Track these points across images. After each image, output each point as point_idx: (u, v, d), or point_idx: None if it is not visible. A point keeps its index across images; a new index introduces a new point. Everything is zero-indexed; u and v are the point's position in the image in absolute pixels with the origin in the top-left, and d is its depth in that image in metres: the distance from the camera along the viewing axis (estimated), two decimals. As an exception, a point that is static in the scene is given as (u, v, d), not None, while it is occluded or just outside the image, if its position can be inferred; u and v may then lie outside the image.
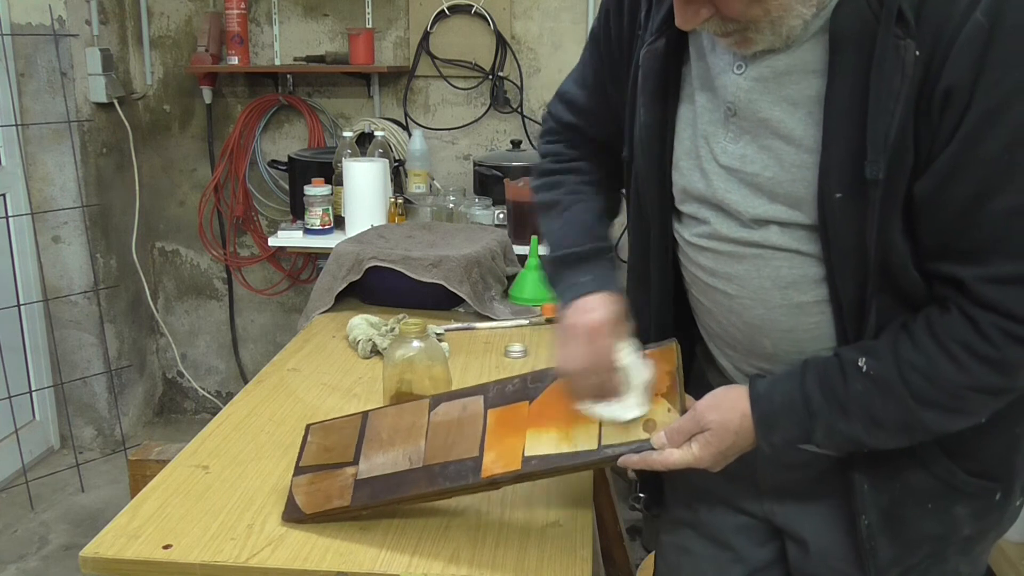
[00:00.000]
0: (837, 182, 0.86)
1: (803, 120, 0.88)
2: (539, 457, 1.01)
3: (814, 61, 0.87)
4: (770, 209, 0.93)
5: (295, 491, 1.14)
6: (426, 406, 1.15)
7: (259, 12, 3.19)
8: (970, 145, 0.80)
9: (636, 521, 2.60)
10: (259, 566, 1.03)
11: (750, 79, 0.91)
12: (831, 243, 0.89)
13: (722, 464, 0.97)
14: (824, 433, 0.92)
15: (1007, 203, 0.81)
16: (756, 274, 0.96)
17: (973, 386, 0.87)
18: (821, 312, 0.94)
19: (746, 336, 1.01)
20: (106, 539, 1.07)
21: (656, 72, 0.99)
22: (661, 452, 0.96)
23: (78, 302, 3.15)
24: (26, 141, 3.00)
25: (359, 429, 1.17)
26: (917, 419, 0.89)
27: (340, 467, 1.13)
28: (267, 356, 3.00)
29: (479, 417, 1.09)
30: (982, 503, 1.01)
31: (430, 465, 1.07)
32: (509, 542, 1.08)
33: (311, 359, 1.71)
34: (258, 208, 3.37)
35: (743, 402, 0.95)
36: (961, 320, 0.86)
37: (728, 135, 0.94)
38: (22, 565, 2.57)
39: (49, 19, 2.90)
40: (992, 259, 0.83)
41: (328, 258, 2.04)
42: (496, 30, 3.04)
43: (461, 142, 3.20)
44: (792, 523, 1.10)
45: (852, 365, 0.90)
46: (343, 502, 1.09)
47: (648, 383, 1.00)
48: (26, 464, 2.98)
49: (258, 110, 3.27)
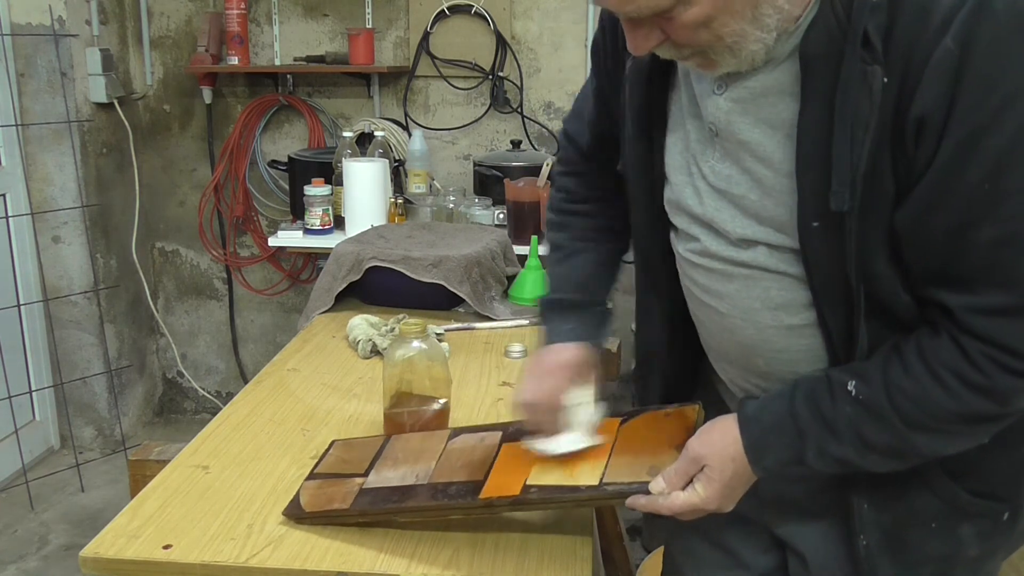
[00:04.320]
0: (813, 211, 0.85)
1: (781, 143, 0.87)
2: (539, 487, 1.02)
3: (790, 83, 0.85)
4: (759, 231, 0.91)
5: (302, 491, 1.16)
6: (446, 435, 1.20)
7: (259, 12, 3.19)
8: (948, 175, 0.79)
9: (636, 521, 2.60)
10: (259, 566, 1.03)
11: (729, 100, 0.89)
12: (812, 270, 0.88)
13: (732, 500, 0.95)
14: (816, 454, 0.90)
15: (992, 233, 0.79)
16: (746, 294, 0.95)
17: (963, 413, 0.85)
18: (812, 335, 0.93)
19: (740, 354, 1.00)
20: (106, 539, 1.07)
21: (641, 84, 0.99)
22: (667, 496, 0.94)
23: (78, 302, 3.15)
24: (26, 141, 3.00)
25: (379, 448, 1.21)
26: (908, 444, 0.87)
27: (351, 477, 1.16)
28: (267, 356, 3.00)
29: (493, 448, 1.12)
30: (989, 523, 0.98)
31: (434, 483, 1.09)
32: (509, 542, 1.08)
33: (311, 359, 1.71)
34: (258, 208, 3.37)
35: (732, 430, 0.93)
36: (951, 347, 0.84)
37: (715, 155, 0.93)
38: (22, 565, 2.57)
39: (49, 19, 2.90)
40: (980, 289, 0.81)
41: (328, 258, 2.04)
42: (496, 30, 3.04)
43: (461, 142, 3.20)
44: (792, 536, 1.09)
45: (841, 388, 0.88)
46: (343, 505, 1.10)
47: (591, 423, 1.05)
48: (26, 464, 2.98)
49: (258, 110, 3.27)
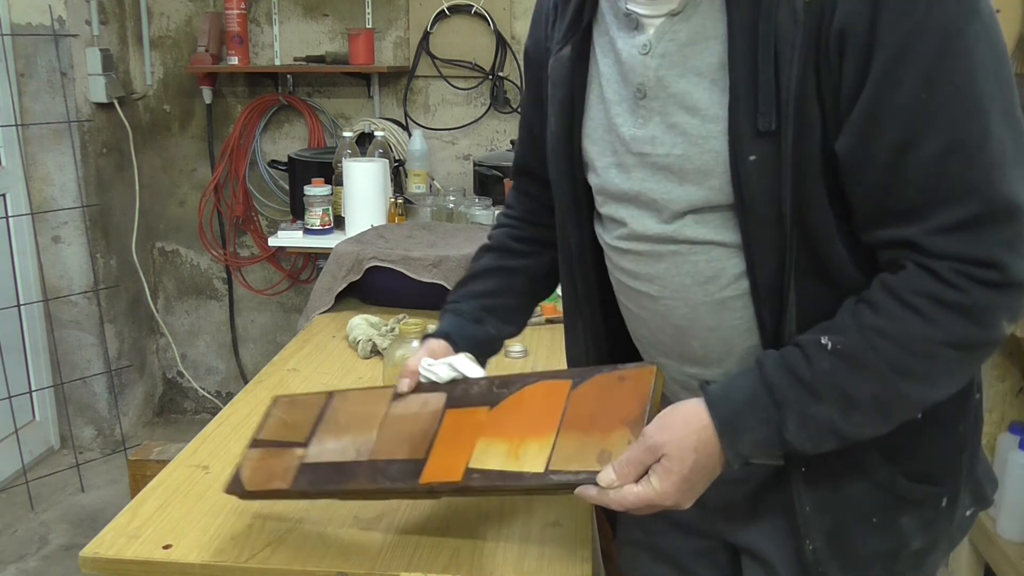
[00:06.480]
0: (749, 143, 0.83)
1: (707, 89, 0.86)
2: (482, 472, 0.94)
3: (713, 27, 0.85)
4: (681, 193, 0.90)
5: (244, 463, 1.11)
6: (389, 396, 1.09)
7: (259, 12, 3.19)
8: (882, 92, 0.77)
9: (636, 521, 2.59)
10: (259, 566, 1.03)
11: (656, 56, 0.89)
12: (747, 213, 0.85)
13: (691, 496, 0.86)
14: (797, 424, 0.83)
15: (933, 148, 0.77)
16: (676, 271, 0.93)
17: (945, 340, 0.80)
18: (744, 307, 0.91)
19: (675, 339, 0.97)
20: (106, 539, 1.07)
21: (564, 79, 0.99)
22: (618, 490, 0.85)
23: (78, 302, 3.15)
24: (26, 141, 3.00)
25: (321, 409, 1.13)
26: (893, 390, 0.82)
27: (291, 446, 1.10)
28: (267, 356, 3.01)
29: (436, 416, 1.03)
30: (928, 512, 0.96)
31: (374, 460, 1.03)
32: (509, 542, 1.08)
33: (311, 359, 1.71)
34: (258, 208, 3.37)
35: (698, 414, 0.85)
36: (919, 273, 0.80)
37: (637, 120, 0.92)
38: (22, 565, 2.57)
39: (49, 19, 2.91)
40: (935, 210, 0.78)
41: (328, 258, 2.04)
42: (496, 30, 3.04)
43: (461, 142, 3.21)
44: (747, 541, 1.04)
45: (814, 345, 0.83)
46: (283, 484, 1.06)
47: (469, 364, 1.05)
48: (26, 464, 2.98)
49: (258, 110, 3.27)
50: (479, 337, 1.14)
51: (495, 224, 1.25)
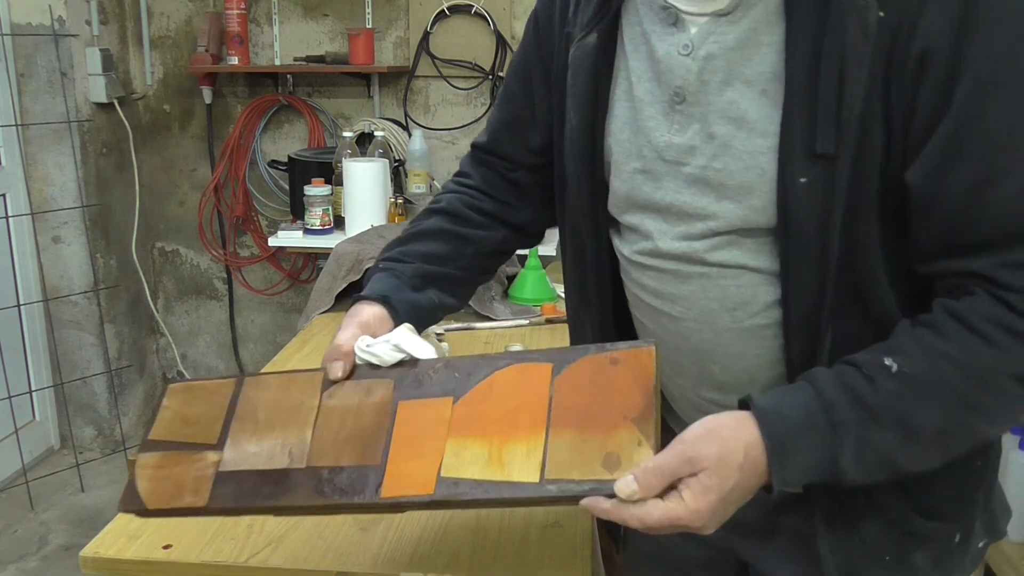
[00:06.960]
0: (801, 164, 0.77)
1: (756, 100, 0.79)
2: (460, 481, 0.77)
3: (767, 33, 0.78)
4: (718, 210, 0.83)
5: (139, 473, 0.89)
6: (318, 383, 0.89)
7: (259, 12, 3.19)
8: (965, 125, 0.72)
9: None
10: (259, 566, 1.03)
11: (699, 59, 0.82)
12: (789, 239, 0.79)
13: (720, 521, 0.75)
14: (854, 452, 0.75)
15: (1013, 186, 0.72)
16: (702, 295, 0.86)
17: (1014, 373, 0.75)
18: (774, 336, 0.85)
19: (693, 362, 0.91)
20: (106, 539, 1.07)
21: (587, 70, 0.90)
22: (641, 504, 0.72)
23: (78, 302, 3.15)
24: (26, 141, 3.00)
25: (229, 400, 0.92)
26: (958, 422, 0.77)
27: (200, 449, 0.89)
28: (267, 356, 3.01)
29: (384, 409, 0.85)
30: (941, 548, 0.92)
31: (316, 467, 0.84)
32: (509, 542, 1.08)
33: (311, 359, 1.71)
34: (258, 208, 3.37)
35: (746, 427, 0.75)
36: (990, 301, 0.74)
37: (672, 127, 0.85)
38: (22, 565, 2.57)
39: (49, 19, 2.90)
40: (1008, 246, 0.74)
41: (328, 258, 2.04)
42: (496, 30, 3.04)
43: (461, 142, 3.20)
44: (758, 560, 1.01)
45: (878, 367, 0.76)
46: (198, 500, 0.86)
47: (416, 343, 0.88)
48: (26, 464, 2.98)
49: (258, 110, 3.27)
50: (422, 304, 0.98)
51: (444, 188, 1.12)
